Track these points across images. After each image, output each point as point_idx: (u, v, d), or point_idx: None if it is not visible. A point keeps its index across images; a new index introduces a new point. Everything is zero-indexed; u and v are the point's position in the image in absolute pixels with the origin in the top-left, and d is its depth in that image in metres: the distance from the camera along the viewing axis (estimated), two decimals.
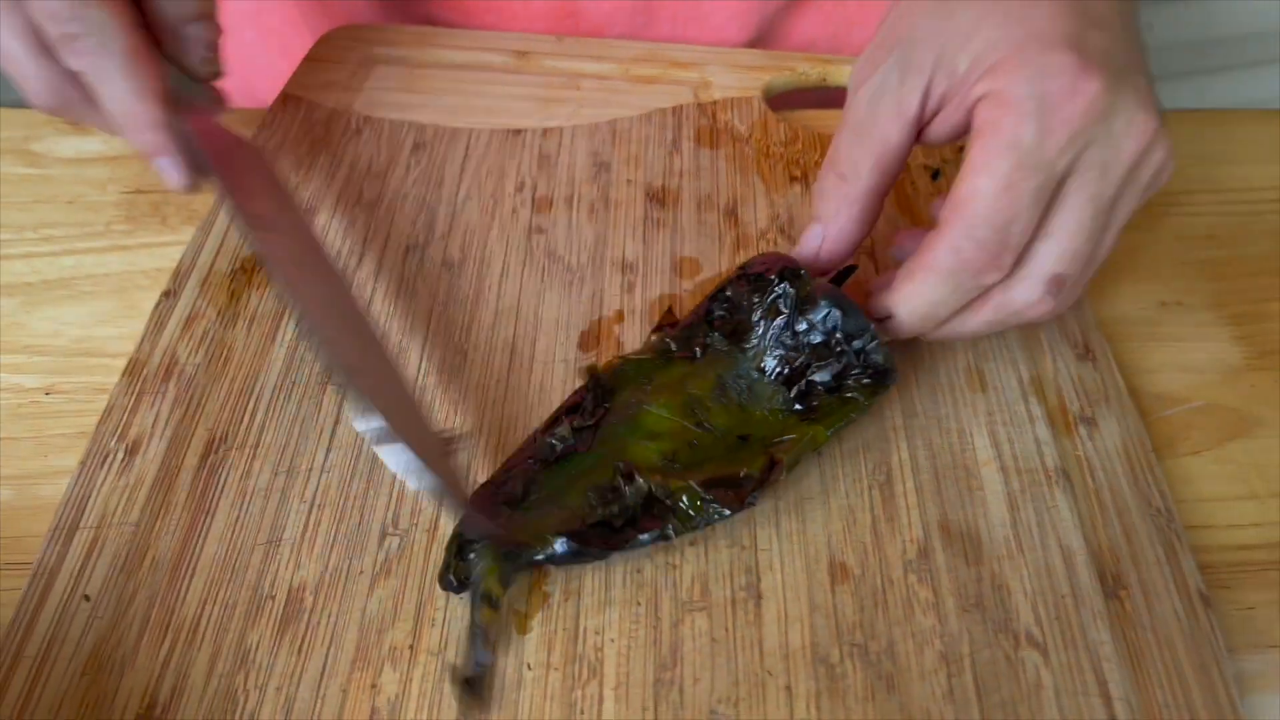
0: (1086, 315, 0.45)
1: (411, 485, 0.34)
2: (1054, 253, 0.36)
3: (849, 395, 0.38)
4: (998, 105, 0.35)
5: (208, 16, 0.43)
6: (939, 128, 0.39)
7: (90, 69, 0.40)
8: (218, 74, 0.45)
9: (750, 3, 0.59)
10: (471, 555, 0.34)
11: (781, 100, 0.56)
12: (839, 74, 0.56)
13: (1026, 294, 0.37)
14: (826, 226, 0.40)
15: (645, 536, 0.35)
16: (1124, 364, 0.45)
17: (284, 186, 0.44)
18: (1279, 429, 0.43)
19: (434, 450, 0.35)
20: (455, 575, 0.34)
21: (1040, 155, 0.34)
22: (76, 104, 0.42)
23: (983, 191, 0.34)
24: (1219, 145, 0.56)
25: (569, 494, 0.36)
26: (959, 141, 0.38)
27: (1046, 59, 0.35)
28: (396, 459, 0.33)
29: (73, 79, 0.41)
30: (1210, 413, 0.44)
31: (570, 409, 0.38)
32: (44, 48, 0.40)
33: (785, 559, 0.36)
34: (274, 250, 0.40)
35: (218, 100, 0.46)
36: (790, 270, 0.39)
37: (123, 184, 0.50)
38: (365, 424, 0.34)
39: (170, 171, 0.42)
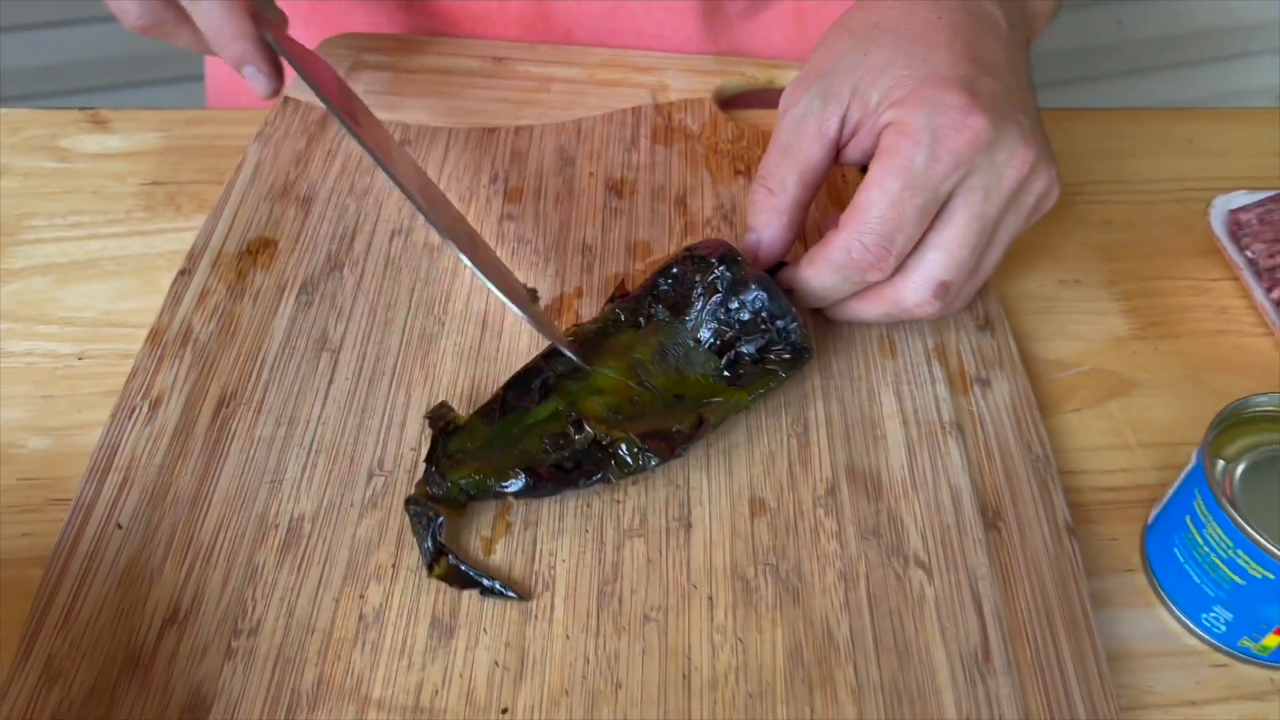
0: (989, 291, 0.51)
1: (515, 313, 0.44)
2: (940, 262, 0.43)
3: (770, 367, 0.44)
4: (898, 133, 0.41)
5: None
6: (853, 151, 0.45)
7: None
8: None
9: (705, 4, 0.64)
10: (414, 510, 0.41)
11: (732, 101, 0.62)
12: (785, 77, 0.63)
13: (915, 295, 0.43)
14: (760, 234, 0.46)
15: (591, 479, 0.41)
16: (1023, 334, 0.51)
17: (349, 89, 0.51)
18: (1153, 389, 0.49)
19: (521, 295, 0.44)
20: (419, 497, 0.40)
21: (927, 178, 0.41)
22: (169, 23, 0.48)
23: (875, 203, 0.41)
24: (1126, 141, 0.63)
25: (527, 439, 0.42)
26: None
27: (941, 96, 0.41)
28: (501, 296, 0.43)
29: (167, 1, 0.47)
30: (1095, 376, 0.50)
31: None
32: None
33: (713, 496, 0.42)
34: (368, 134, 0.47)
35: (282, 17, 0.52)
36: (729, 255, 0.45)
37: (140, 176, 0.56)
38: (470, 266, 0.42)
39: (257, 78, 0.49)
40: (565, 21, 0.64)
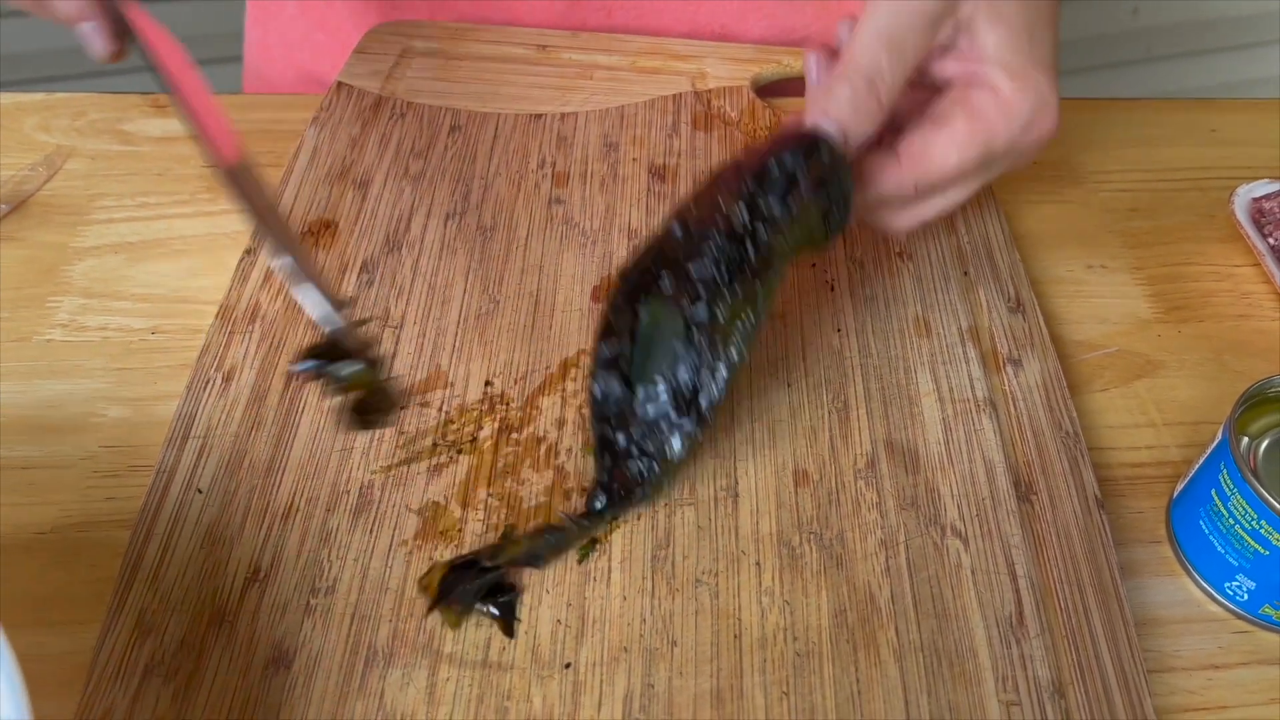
0: (1021, 275, 0.53)
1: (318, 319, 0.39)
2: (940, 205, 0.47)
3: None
4: (1002, 108, 0.44)
5: None
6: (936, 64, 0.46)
7: None
8: None
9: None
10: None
11: (769, 89, 0.64)
12: None
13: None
14: (850, 134, 0.43)
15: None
16: (1052, 316, 0.53)
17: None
18: (1177, 371, 0.51)
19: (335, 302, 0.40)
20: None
21: (994, 158, 0.45)
22: None
23: (949, 160, 0.44)
24: (1151, 130, 0.64)
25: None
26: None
27: (1044, 93, 0.45)
28: (307, 297, 0.39)
29: None
30: (1122, 357, 0.52)
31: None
32: None
33: (758, 467, 0.45)
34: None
35: None
36: (826, 143, 0.43)
37: (202, 159, 0.58)
38: (278, 262, 0.40)
39: (93, 38, 0.44)
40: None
